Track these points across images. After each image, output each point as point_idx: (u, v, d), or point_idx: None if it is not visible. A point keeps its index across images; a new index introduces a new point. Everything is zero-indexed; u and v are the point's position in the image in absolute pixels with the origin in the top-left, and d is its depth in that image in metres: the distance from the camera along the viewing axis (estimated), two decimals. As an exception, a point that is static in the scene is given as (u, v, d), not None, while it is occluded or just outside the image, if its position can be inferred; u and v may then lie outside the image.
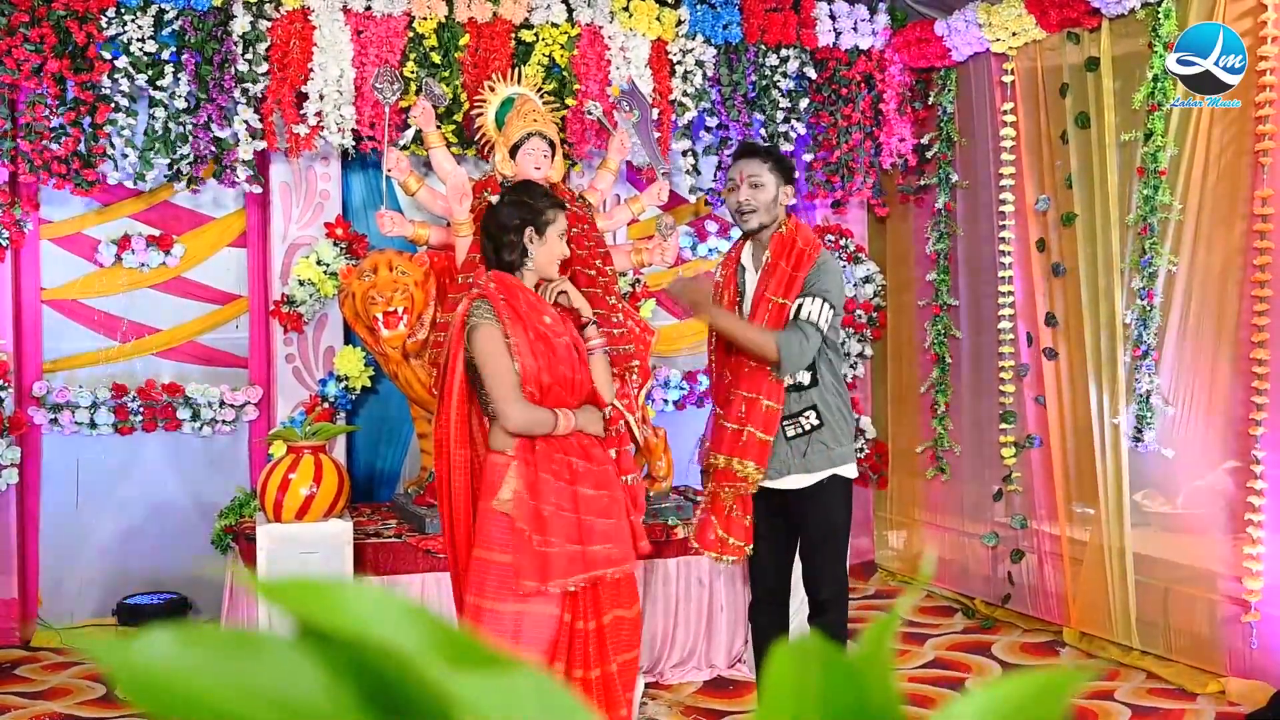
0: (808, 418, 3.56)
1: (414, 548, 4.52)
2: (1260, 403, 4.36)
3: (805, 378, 3.56)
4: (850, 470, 3.64)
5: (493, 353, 3.13)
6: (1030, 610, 5.44)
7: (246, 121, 5.05)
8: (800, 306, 3.48)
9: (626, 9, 5.54)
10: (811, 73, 5.91)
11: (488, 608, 3.12)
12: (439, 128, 4.92)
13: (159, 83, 4.98)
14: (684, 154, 5.76)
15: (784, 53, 5.87)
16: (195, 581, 5.25)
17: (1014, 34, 5.37)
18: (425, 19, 5.23)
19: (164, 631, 0.37)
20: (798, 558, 3.76)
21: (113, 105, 4.94)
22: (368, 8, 5.17)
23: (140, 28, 4.94)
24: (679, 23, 5.67)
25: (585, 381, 3.27)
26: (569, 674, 3.20)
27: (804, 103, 5.93)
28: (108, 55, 4.91)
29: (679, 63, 5.68)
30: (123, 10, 4.94)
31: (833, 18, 5.93)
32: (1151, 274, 4.70)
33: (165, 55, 4.98)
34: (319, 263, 5.21)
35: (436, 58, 5.23)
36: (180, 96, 5.01)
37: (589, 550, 3.14)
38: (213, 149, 5.06)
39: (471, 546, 3.19)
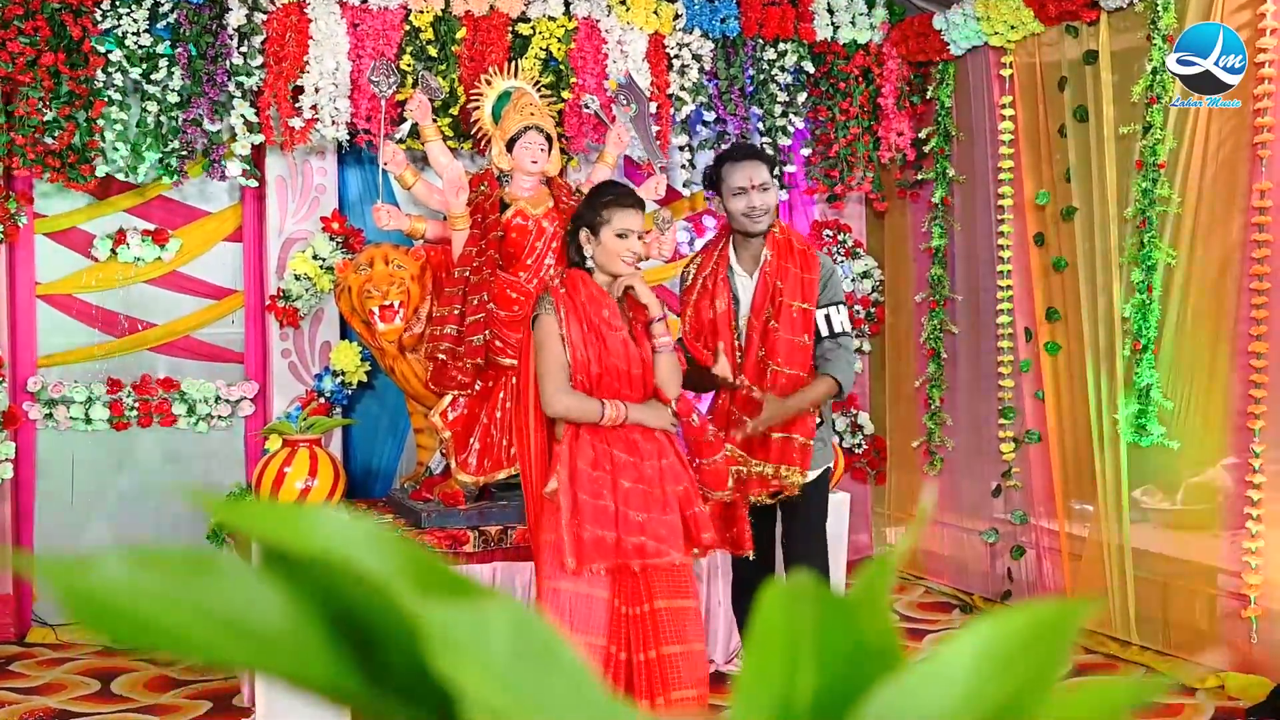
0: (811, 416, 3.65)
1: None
2: (1259, 396, 4.34)
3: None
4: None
5: (544, 343, 3.29)
6: (1029, 606, 5.41)
7: (243, 115, 5.03)
8: (829, 318, 3.58)
9: (624, 2, 5.51)
10: (809, 67, 5.89)
11: (548, 585, 3.31)
12: (435, 121, 4.90)
13: (153, 76, 4.96)
14: (681, 148, 5.74)
15: (782, 47, 5.85)
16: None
17: (1012, 28, 5.35)
18: (422, 12, 5.20)
19: (117, 552, 0.35)
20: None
21: (106, 100, 4.92)
22: (364, 1, 5.15)
23: (135, 21, 4.92)
24: (676, 16, 5.65)
25: (646, 377, 3.31)
26: (615, 654, 3.30)
27: (802, 97, 5.91)
28: (102, 49, 4.88)
29: (676, 56, 5.65)
30: (117, 4, 4.91)
31: (830, 11, 5.91)
32: (1150, 268, 4.68)
33: (160, 49, 4.96)
34: (315, 257, 5.18)
35: (433, 51, 5.20)
36: (174, 90, 4.99)
37: (624, 539, 3.22)
38: (204, 142, 5.04)
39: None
